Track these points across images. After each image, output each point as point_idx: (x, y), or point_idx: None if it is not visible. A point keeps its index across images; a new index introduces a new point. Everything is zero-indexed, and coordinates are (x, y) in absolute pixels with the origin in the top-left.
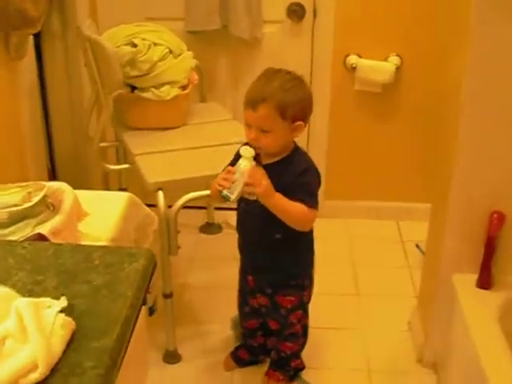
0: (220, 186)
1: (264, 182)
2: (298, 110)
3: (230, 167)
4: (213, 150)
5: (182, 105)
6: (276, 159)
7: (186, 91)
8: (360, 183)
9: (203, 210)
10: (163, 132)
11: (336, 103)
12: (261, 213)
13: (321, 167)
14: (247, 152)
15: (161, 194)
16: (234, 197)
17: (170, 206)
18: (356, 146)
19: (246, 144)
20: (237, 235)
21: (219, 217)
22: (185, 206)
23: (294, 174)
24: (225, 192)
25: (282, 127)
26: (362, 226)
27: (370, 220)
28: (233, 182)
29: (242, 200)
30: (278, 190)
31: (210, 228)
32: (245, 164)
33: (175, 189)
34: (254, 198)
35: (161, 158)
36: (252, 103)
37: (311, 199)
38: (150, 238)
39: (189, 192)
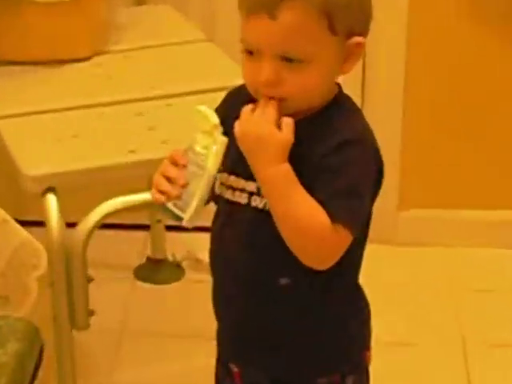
0: (159, 194)
1: (267, 126)
2: (356, 14)
3: (177, 154)
4: (161, 106)
5: (95, 10)
6: (301, 115)
7: None
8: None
9: (143, 232)
10: (58, 69)
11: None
12: (255, 230)
13: (390, 156)
14: (206, 118)
15: (52, 199)
16: (187, 216)
17: (72, 225)
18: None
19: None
20: (211, 282)
21: (176, 245)
22: (103, 225)
23: (323, 146)
24: (169, 206)
25: (330, 50)
26: (474, 260)
27: (490, 249)
28: (183, 186)
29: (220, 209)
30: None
31: (156, 269)
32: (204, 144)
33: (82, 189)
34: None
35: (52, 127)
36: (266, 2)
37: (344, 207)
38: (29, 295)
39: (111, 197)
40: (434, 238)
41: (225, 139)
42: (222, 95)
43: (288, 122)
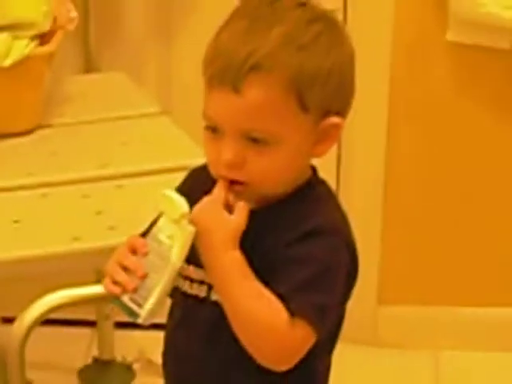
0: (113, 285)
1: (222, 218)
2: (332, 90)
3: (137, 240)
4: (111, 187)
5: (38, 78)
6: (265, 203)
7: (47, 47)
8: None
9: (88, 330)
10: None
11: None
12: (214, 327)
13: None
14: (174, 204)
15: None
16: (144, 312)
17: (8, 321)
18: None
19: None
20: None
21: (126, 344)
22: (47, 321)
23: (289, 235)
24: (124, 300)
25: (300, 131)
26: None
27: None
28: (142, 278)
29: (175, 303)
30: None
31: (103, 372)
32: (169, 232)
33: (20, 280)
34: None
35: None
36: (229, 74)
37: (307, 302)
38: None
39: (53, 289)
40: (418, 338)
41: (193, 229)
42: (177, 176)
43: (240, 206)
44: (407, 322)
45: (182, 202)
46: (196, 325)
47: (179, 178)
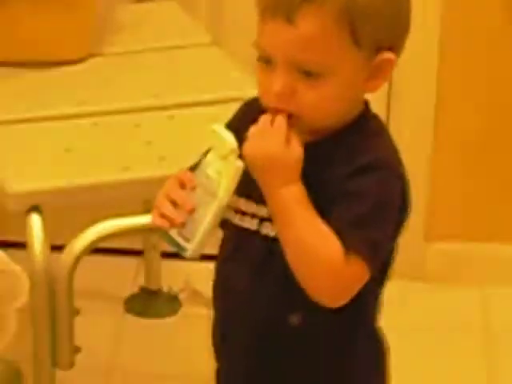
0: (161, 219)
1: (277, 144)
2: (386, 26)
3: (185, 174)
4: (161, 117)
5: (89, 6)
6: (320, 135)
7: None
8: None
9: (135, 259)
10: (46, 72)
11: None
12: (265, 260)
13: (417, 178)
14: (223, 140)
15: (36, 219)
16: (192, 247)
17: (58, 248)
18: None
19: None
20: (212, 320)
21: (173, 275)
22: (94, 250)
23: (342, 169)
24: (172, 234)
25: (352, 65)
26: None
27: None
28: (190, 212)
29: (226, 236)
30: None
31: (149, 302)
32: (217, 168)
33: (69, 209)
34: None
35: (39, 138)
36: (282, 5)
37: (362, 238)
38: (7, 329)
39: (101, 218)
40: (465, 274)
41: (241, 165)
42: (229, 107)
43: (296, 141)
44: (455, 257)
45: (230, 138)
46: (246, 258)
47: (230, 109)
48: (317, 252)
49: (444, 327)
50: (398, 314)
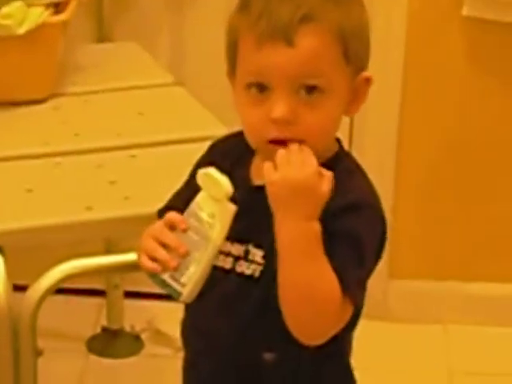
0: (153, 262)
1: (311, 168)
2: (366, 47)
3: (176, 217)
4: (124, 157)
5: (52, 47)
6: None
7: (61, 15)
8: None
9: (97, 299)
10: (9, 112)
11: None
12: (238, 299)
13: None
14: (218, 184)
15: None
16: (186, 291)
17: (21, 289)
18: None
19: (211, 165)
20: (173, 356)
21: (135, 314)
22: (57, 290)
23: (330, 207)
24: (165, 278)
25: (344, 82)
26: (475, 340)
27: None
28: (184, 256)
29: None
30: None
31: (111, 341)
32: (211, 211)
33: (32, 249)
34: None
35: (3, 177)
36: (280, 28)
37: (355, 278)
38: None
39: (64, 259)
40: (428, 313)
41: (234, 208)
42: (192, 147)
43: (329, 175)
44: (418, 296)
45: (225, 182)
46: (217, 296)
47: (194, 148)
48: (322, 294)
49: (407, 366)
50: (361, 353)
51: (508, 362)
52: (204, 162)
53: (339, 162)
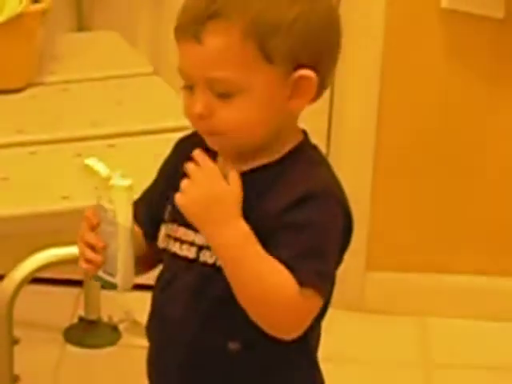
0: (86, 263)
1: (219, 186)
2: (301, 41)
3: (88, 213)
4: (102, 146)
5: (30, 35)
6: (255, 164)
7: (40, 4)
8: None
9: (75, 289)
10: None
11: (397, 43)
12: (203, 288)
13: (358, 208)
14: (97, 172)
15: None
16: (119, 280)
17: None
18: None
19: None
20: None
21: (112, 305)
22: (34, 280)
23: (282, 199)
24: (100, 274)
25: (266, 81)
26: (450, 332)
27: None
28: (105, 249)
29: (165, 265)
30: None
31: (89, 332)
32: (109, 197)
33: (8, 238)
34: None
35: None
36: (190, 25)
37: (313, 270)
38: None
39: (41, 248)
40: (405, 305)
41: (125, 184)
42: (170, 136)
43: (233, 175)
44: (394, 288)
45: (101, 167)
46: (182, 286)
47: (171, 138)
48: (274, 291)
49: (384, 358)
50: (336, 345)
51: (485, 355)
52: (169, 159)
53: (301, 154)
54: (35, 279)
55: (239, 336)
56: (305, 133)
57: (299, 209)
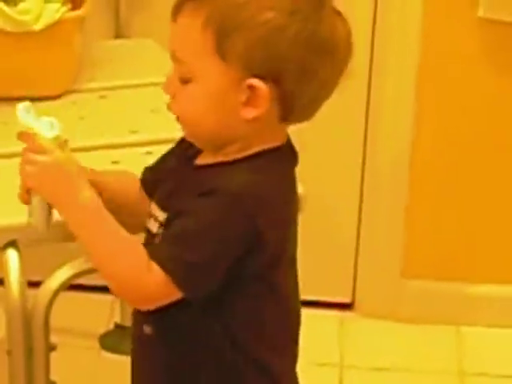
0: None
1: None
2: (256, 51)
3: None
4: (140, 153)
5: (69, 43)
6: (213, 160)
7: (78, 11)
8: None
9: (110, 296)
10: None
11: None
12: None
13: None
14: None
15: (12, 254)
16: (38, 222)
17: (34, 285)
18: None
19: None
20: None
21: None
22: (71, 287)
23: (193, 191)
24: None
25: (216, 77)
26: (489, 342)
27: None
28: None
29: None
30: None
31: (123, 338)
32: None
33: (47, 244)
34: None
35: (12, 172)
36: (175, 6)
37: (172, 254)
38: None
39: (79, 254)
40: (440, 314)
41: (50, 135)
42: None
43: (46, 145)
44: (430, 296)
45: (29, 117)
46: None
47: None
48: (119, 257)
49: (419, 368)
50: (371, 354)
51: None
52: (173, 150)
53: (253, 160)
54: (71, 286)
55: (150, 319)
56: (282, 145)
57: (195, 199)
